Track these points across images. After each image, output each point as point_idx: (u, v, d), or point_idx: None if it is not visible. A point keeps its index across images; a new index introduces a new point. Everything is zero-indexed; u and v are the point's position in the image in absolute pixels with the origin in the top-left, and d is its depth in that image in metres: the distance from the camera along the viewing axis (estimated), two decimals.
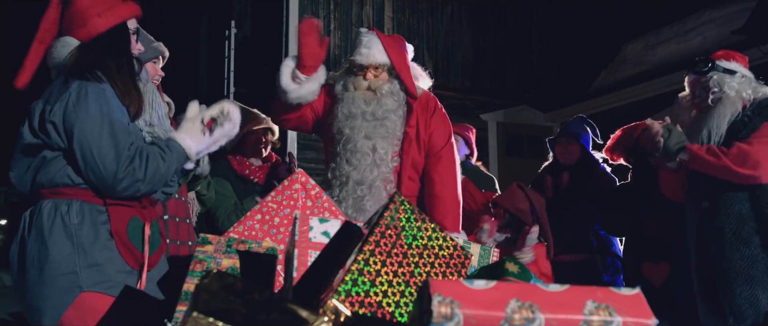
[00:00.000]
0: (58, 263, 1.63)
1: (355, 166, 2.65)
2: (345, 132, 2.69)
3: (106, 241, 1.69)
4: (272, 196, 1.95)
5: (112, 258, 1.68)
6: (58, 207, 1.67)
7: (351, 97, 2.72)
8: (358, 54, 2.74)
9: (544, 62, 9.27)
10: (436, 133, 2.78)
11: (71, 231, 1.65)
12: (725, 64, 2.68)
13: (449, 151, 2.80)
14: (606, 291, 0.92)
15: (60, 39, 1.77)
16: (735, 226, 2.51)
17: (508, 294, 0.89)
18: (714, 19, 7.37)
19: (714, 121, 2.62)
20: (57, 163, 1.69)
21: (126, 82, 1.77)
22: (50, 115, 1.65)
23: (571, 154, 3.76)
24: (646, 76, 7.54)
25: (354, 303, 1.09)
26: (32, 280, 1.64)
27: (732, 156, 2.46)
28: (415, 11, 8.39)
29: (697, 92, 2.73)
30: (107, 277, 1.66)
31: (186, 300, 1.43)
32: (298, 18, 7.49)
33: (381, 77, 2.73)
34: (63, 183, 1.68)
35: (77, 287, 1.63)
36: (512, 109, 8.76)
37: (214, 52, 10.83)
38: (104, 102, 1.67)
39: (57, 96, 1.67)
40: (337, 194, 2.68)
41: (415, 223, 1.24)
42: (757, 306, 2.42)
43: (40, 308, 1.64)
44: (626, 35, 8.60)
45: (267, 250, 1.59)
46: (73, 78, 1.69)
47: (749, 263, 2.46)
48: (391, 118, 2.70)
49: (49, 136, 1.67)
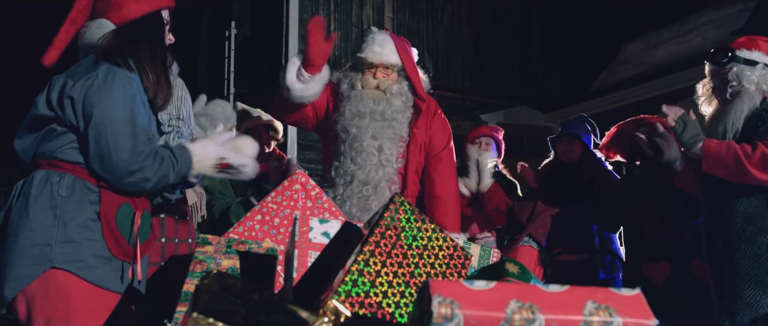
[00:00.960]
0: (34, 233, 1.57)
1: (361, 166, 2.64)
2: (351, 131, 2.67)
3: (89, 221, 1.63)
4: (272, 197, 1.95)
5: (91, 240, 1.62)
6: (50, 177, 1.62)
7: (359, 95, 2.70)
8: (369, 52, 2.72)
9: (544, 63, 9.27)
10: (436, 135, 2.81)
11: (56, 202, 1.60)
12: (746, 54, 2.52)
13: (449, 153, 2.85)
14: (606, 291, 0.92)
15: (95, 21, 1.76)
16: (741, 225, 2.46)
17: (508, 295, 0.89)
18: (714, 20, 7.37)
19: (730, 116, 2.50)
20: (63, 138, 1.66)
21: (158, 71, 1.75)
22: (71, 90, 1.62)
23: (573, 152, 3.77)
24: (646, 77, 7.54)
25: (354, 304, 1.09)
26: (6, 247, 1.59)
27: (755, 160, 2.33)
28: (415, 12, 8.39)
29: (716, 83, 2.61)
30: (80, 257, 1.59)
31: (186, 301, 1.43)
32: (299, 18, 7.49)
33: (391, 77, 2.73)
34: (62, 159, 1.64)
35: (48, 260, 1.57)
36: (512, 110, 8.76)
37: (214, 52, 10.82)
38: (130, 91, 1.65)
39: (83, 73, 1.64)
40: (341, 193, 2.66)
41: (415, 224, 1.23)
42: (754, 307, 2.40)
43: (5, 276, 1.57)
44: (626, 36, 8.60)
45: (267, 251, 1.59)
46: (104, 60, 1.66)
47: (752, 262, 2.42)
48: (399, 118, 2.69)
49: (64, 111, 1.64)
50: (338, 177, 2.69)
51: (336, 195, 2.68)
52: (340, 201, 2.66)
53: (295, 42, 7.44)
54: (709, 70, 2.66)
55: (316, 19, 2.58)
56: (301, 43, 7.51)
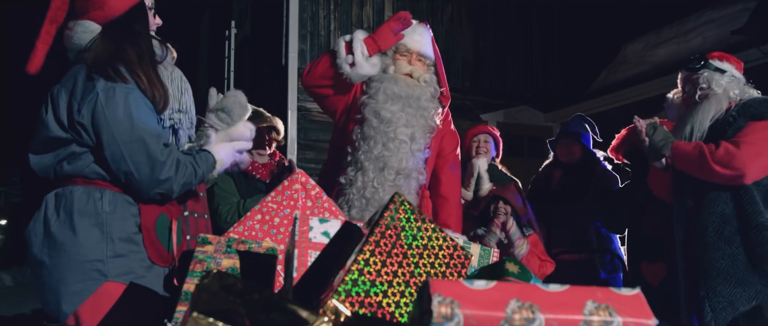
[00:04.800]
0: (85, 249, 1.62)
1: (393, 152, 2.55)
2: (384, 115, 2.56)
3: (133, 234, 1.70)
4: (272, 196, 1.95)
5: (136, 251, 1.69)
6: (91, 194, 1.67)
7: (393, 78, 2.62)
8: (409, 38, 2.66)
9: (544, 62, 9.27)
10: (447, 137, 2.82)
11: (102, 219, 1.65)
12: (718, 64, 2.71)
13: (456, 157, 2.88)
14: (606, 291, 0.92)
15: (79, 22, 1.73)
16: (718, 226, 2.52)
17: (508, 295, 0.89)
18: (714, 20, 7.36)
19: (697, 116, 2.64)
20: (86, 157, 1.69)
21: (148, 73, 1.75)
22: (79, 116, 1.64)
23: (573, 153, 3.78)
24: (646, 77, 7.53)
25: (354, 303, 1.09)
26: (55, 263, 1.63)
27: (718, 156, 2.46)
28: (415, 12, 8.33)
29: (687, 88, 2.77)
30: (131, 269, 1.67)
31: (186, 301, 1.43)
32: (298, 18, 7.48)
33: (422, 68, 2.70)
34: (93, 177, 1.69)
35: (102, 276, 1.63)
36: (512, 110, 8.76)
37: (214, 52, 10.82)
38: (133, 105, 1.66)
39: (83, 93, 1.65)
40: (372, 178, 2.54)
41: (415, 223, 1.23)
42: (735, 305, 2.44)
43: (60, 292, 1.62)
44: (626, 35, 8.59)
45: (267, 250, 1.59)
46: (97, 74, 1.66)
47: (731, 262, 2.47)
48: (430, 108, 2.65)
49: (80, 135, 1.67)
50: (368, 161, 2.56)
51: (365, 182, 2.55)
52: (372, 189, 2.54)
53: (295, 42, 7.44)
54: (682, 78, 2.83)
55: (405, 15, 2.57)
56: (301, 43, 7.51)
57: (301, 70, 7.47)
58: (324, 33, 7.71)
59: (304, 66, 7.50)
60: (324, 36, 7.70)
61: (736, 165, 2.42)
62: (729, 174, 2.44)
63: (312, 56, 7.55)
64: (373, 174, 2.55)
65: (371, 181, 2.54)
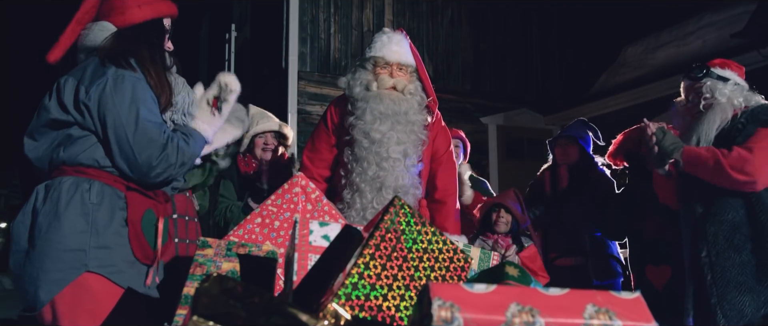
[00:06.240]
0: (68, 238, 1.62)
1: (388, 171, 2.54)
2: (374, 136, 2.55)
3: (118, 227, 1.70)
4: (272, 200, 1.95)
5: (120, 245, 1.69)
6: (80, 184, 1.67)
7: (377, 96, 2.59)
8: (387, 50, 2.64)
9: (545, 65, 9.27)
10: (439, 139, 2.79)
11: (88, 209, 1.66)
12: (720, 72, 2.70)
13: (449, 156, 2.84)
14: (606, 294, 0.92)
15: (97, 22, 1.80)
16: (728, 233, 2.52)
17: (508, 298, 0.89)
18: (714, 23, 7.37)
19: (703, 127, 2.64)
20: (83, 142, 1.70)
21: (158, 72, 1.80)
22: (86, 97, 1.67)
23: (569, 155, 3.78)
24: (646, 79, 7.54)
25: (354, 307, 1.09)
26: (37, 251, 1.63)
27: (731, 159, 2.46)
28: (415, 14, 8.39)
29: (691, 97, 2.76)
30: (112, 262, 1.66)
31: (186, 304, 1.43)
32: (298, 21, 7.49)
33: (405, 78, 2.66)
34: (87, 164, 1.69)
35: (83, 265, 1.63)
36: (512, 112, 8.76)
37: (214, 54, 10.83)
38: (140, 91, 1.70)
39: (92, 78, 1.69)
40: (371, 200, 2.53)
41: (415, 227, 1.23)
42: (743, 312, 2.44)
43: (39, 279, 1.62)
44: (626, 38, 8.60)
45: (267, 254, 1.59)
46: (109, 62, 1.71)
47: (740, 270, 2.48)
48: (418, 120, 2.63)
49: (83, 117, 1.69)
50: (364, 183, 2.55)
51: (365, 204, 2.53)
52: (372, 210, 2.50)
53: (295, 44, 7.44)
54: (684, 86, 2.81)
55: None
56: (301, 46, 7.51)
57: (301, 73, 7.48)
58: (324, 36, 7.72)
59: (304, 68, 7.52)
60: (324, 39, 7.71)
61: (749, 170, 2.42)
62: (743, 179, 2.44)
63: (312, 59, 7.56)
64: (371, 195, 2.54)
65: (371, 203, 2.53)
